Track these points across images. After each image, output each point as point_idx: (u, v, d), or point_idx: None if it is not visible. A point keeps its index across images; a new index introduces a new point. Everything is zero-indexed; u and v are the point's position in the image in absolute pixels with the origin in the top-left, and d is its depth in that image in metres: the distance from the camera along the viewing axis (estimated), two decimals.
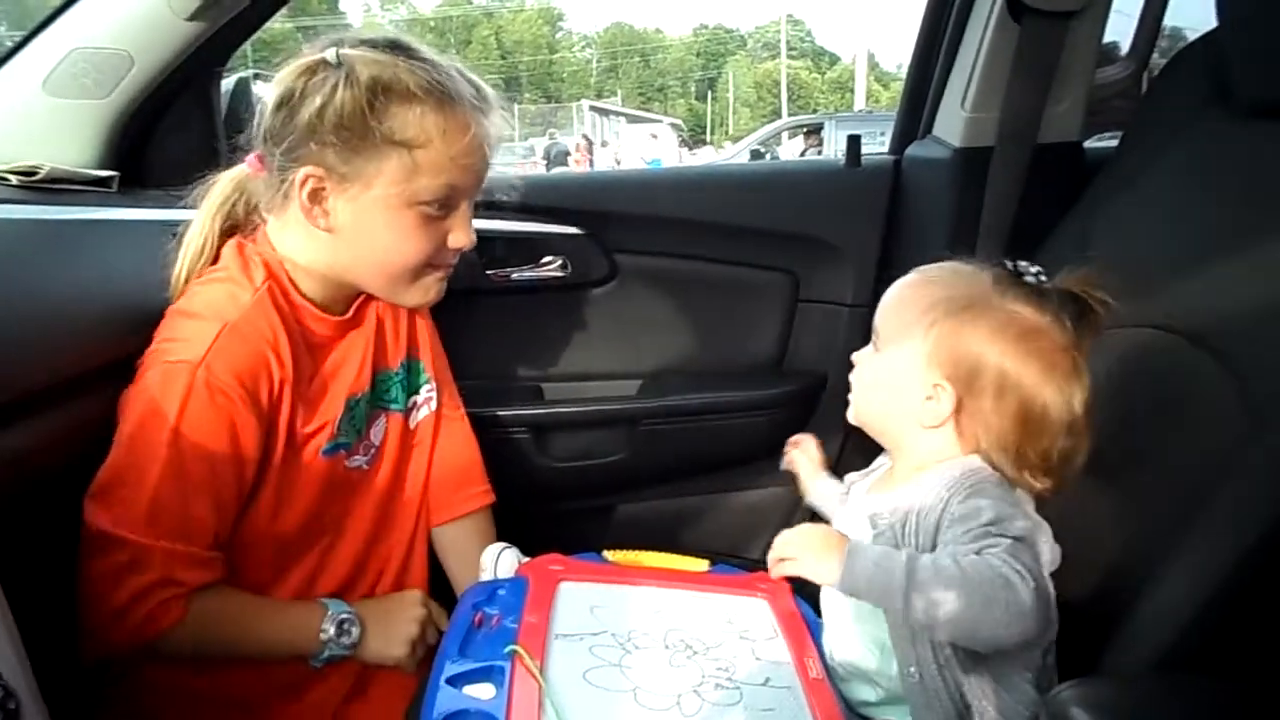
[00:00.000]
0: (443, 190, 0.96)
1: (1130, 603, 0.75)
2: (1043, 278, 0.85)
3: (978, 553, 0.75)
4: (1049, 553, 0.81)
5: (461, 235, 1.01)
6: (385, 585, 1.13)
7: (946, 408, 0.85)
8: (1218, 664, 0.65)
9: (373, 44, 0.95)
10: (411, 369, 1.18)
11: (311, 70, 0.93)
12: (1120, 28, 1.63)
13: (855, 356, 0.93)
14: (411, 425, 1.18)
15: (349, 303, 1.06)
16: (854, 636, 0.89)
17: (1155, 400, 0.91)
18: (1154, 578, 0.73)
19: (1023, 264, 0.86)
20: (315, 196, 0.95)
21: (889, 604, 0.77)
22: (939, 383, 0.85)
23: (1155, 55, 1.63)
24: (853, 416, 0.94)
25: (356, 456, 1.09)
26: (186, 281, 1.00)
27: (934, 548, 0.80)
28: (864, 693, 0.89)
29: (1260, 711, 0.55)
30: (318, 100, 0.91)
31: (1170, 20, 1.66)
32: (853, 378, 0.93)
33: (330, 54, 0.93)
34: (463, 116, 0.95)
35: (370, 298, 1.08)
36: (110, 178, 1.24)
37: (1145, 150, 1.12)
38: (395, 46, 0.95)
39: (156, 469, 0.88)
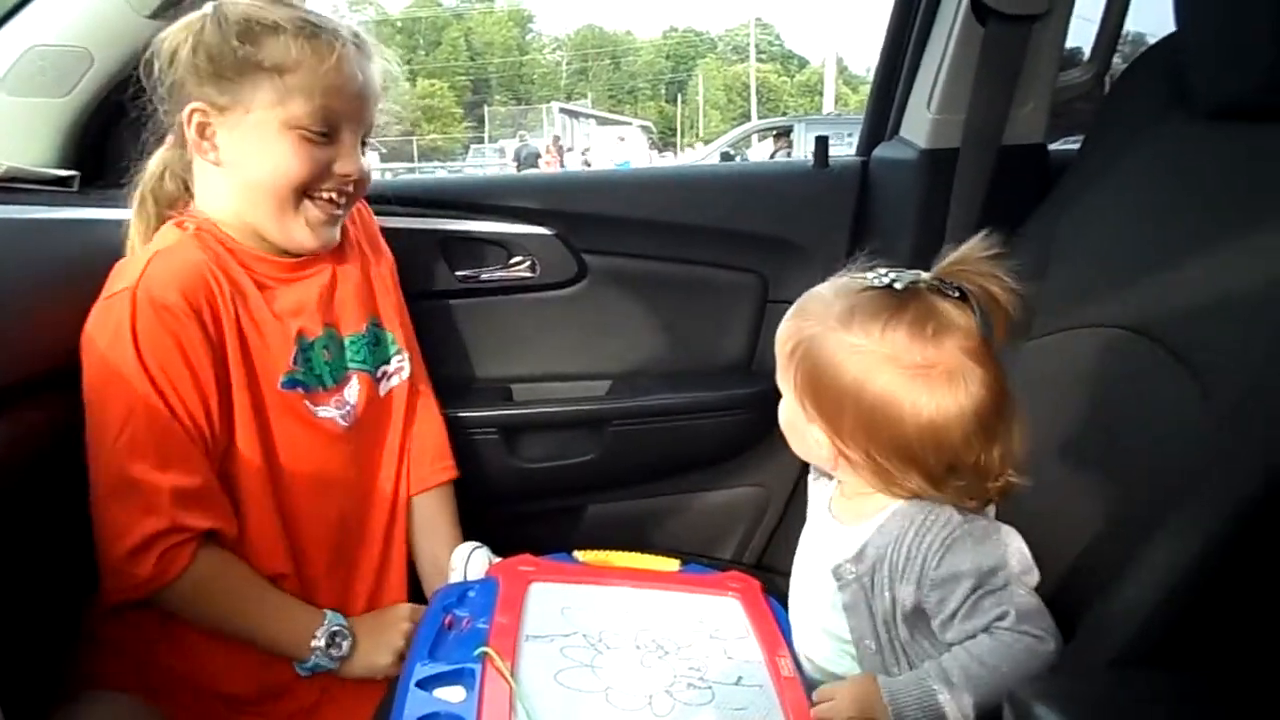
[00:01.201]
0: (318, 112, 1.00)
1: (1095, 599, 0.76)
2: (897, 285, 0.79)
3: (986, 630, 0.76)
4: (1031, 571, 0.80)
5: (347, 162, 1.04)
6: (370, 561, 1.14)
7: (829, 454, 0.83)
8: (1178, 659, 0.66)
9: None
10: (379, 337, 1.19)
11: (188, 24, 1.01)
12: (1082, 32, 1.66)
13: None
14: (381, 393, 1.18)
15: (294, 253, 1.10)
16: (825, 642, 0.89)
17: (1121, 401, 0.92)
18: (1118, 575, 0.74)
19: (881, 272, 0.81)
20: (203, 131, 1.01)
21: None
22: (815, 432, 0.83)
23: (1117, 59, 1.66)
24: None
25: (327, 407, 1.09)
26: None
27: (917, 603, 0.79)
28: None
29: (1217, 703, 0.56)
30: (191, 41, 1.00)
31: (1131, 25, 1.69)
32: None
33: (207, 7, 1.01)
34: (330, 45, 1.00)
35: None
36: (71, 177, 1.22)
37: (1107, 152, 1.14)
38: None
39: (136, 400, 0.92)
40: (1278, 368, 0.71)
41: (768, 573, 1.45)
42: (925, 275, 0.80)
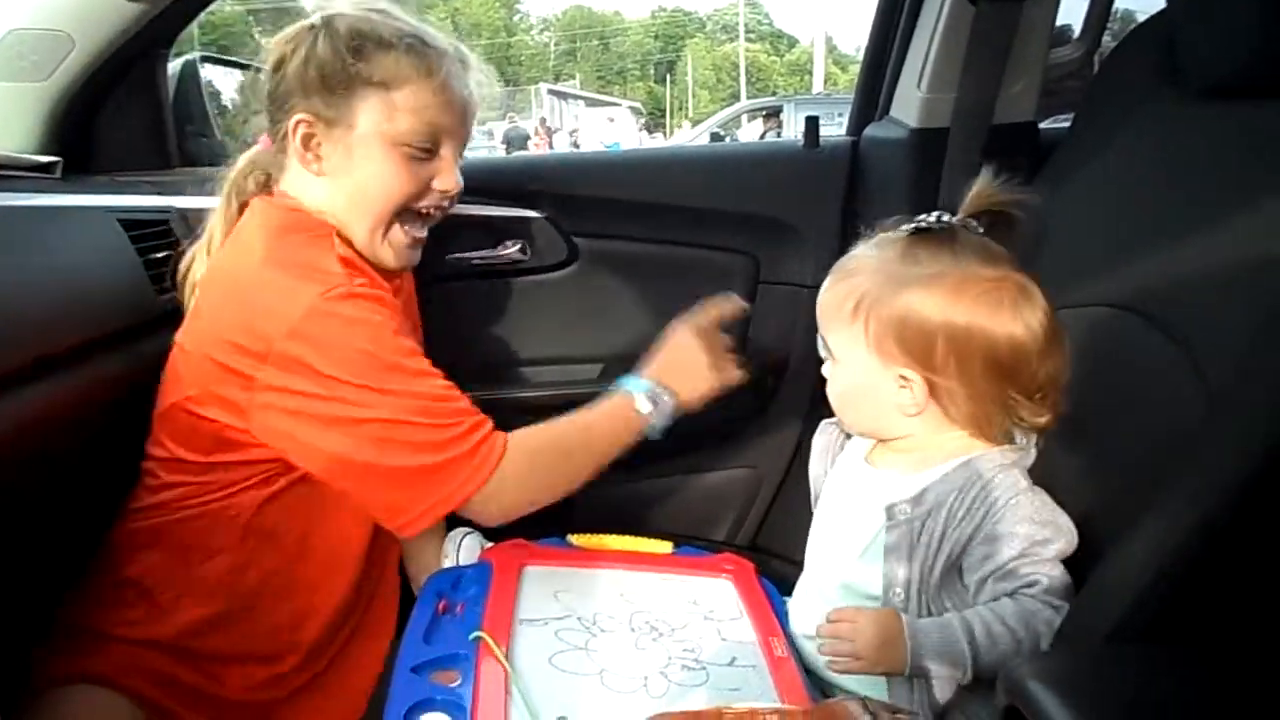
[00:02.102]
0: (425, 129, 1.00)
1: (1090, 575, 0.76)
2: (945, 219, 0.86)
3: (1012, 595, 0.78)
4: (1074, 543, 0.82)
5: (447, 178, 1.04)
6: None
7: (920, 393, 0.85)
8: (1173, 634, 0.67)
9: (355, 6, 1.01)
10: None
11: (297, 34, 1.00)
12: (1072, 10, 1.65)
13: (824, 371, 0.93)
14: None
15: None
16: (842, 599, 0.89)
17: (1114, 380, 0.92)
18: (1113, 552, 0.75)
19: (923, 217, 0.87)
20: (307, 142, 1.00)
21: (954, 675, 0.78)
22: (902, 372, 0.85)
23: (1106, 37, 1.65)
24: (848, 430, 0.95)
25: None
26: (222, 244, 1.03)
27: (961, 555, 0.82)
28: None
29: (1211, 678, 0.56)
30: (302, 53, 0.98)
31: (1120, 3, 1.69)
32: (829, 394, 0.93)
33: (315, 18, 1.00)
34: (437, 62, 1.00)
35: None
36: (53, 163, 1.20)
37: (1097, 131, 1.13)
38: (376, 10, 1.02)
39: (408, 368, 0.94)
40: (1271, 345, 0.71)
41: (761, 554, 1.45)
42: (953, 217, 0.87)
